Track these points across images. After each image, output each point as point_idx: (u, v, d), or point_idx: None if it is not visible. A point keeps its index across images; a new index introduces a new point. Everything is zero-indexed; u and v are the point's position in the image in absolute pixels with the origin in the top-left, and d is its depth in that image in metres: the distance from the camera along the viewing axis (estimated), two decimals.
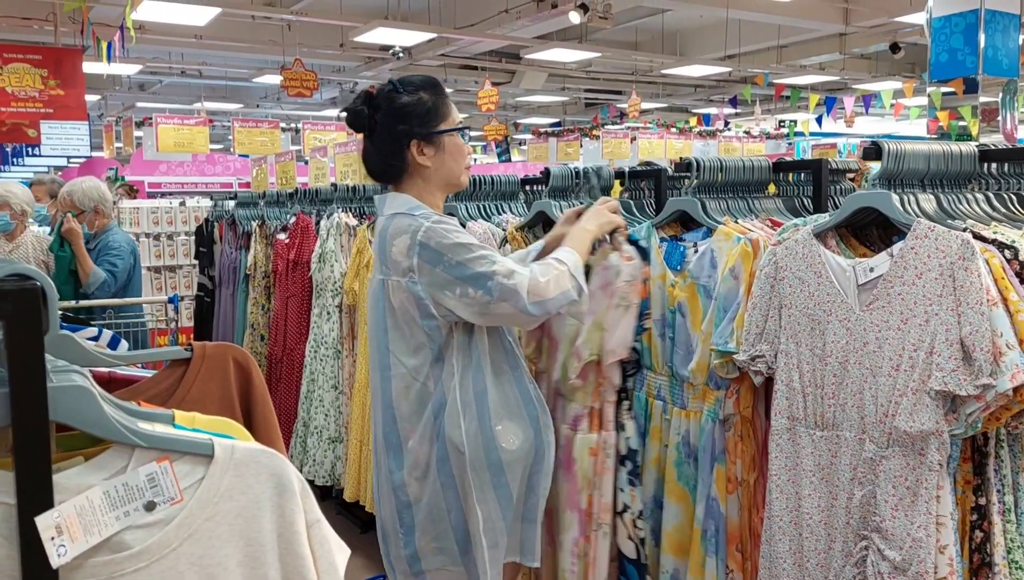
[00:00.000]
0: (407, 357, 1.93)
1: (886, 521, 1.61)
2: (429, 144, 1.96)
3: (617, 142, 11.75)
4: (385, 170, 2.01)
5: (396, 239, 1.89)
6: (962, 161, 1.80)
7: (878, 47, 11.18)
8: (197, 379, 1.12)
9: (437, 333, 1.90)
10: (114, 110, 14.67)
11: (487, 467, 1.92)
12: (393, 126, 1.95)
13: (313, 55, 10.46)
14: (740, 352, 1.95)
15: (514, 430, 1.96)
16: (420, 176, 1.99)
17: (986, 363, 1.46)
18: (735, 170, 2.22)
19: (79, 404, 0.81)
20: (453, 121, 2.01)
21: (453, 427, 1.90)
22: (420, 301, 1.87)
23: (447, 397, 1.91)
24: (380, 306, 1.96)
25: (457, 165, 2.02)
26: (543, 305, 1.85)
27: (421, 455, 1.94)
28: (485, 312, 1.85)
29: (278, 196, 4.75)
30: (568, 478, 2.12)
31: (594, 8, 7.93)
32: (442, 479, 1.93)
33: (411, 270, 1.87)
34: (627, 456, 2.09)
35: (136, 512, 0.83)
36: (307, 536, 0.92)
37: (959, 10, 5.89)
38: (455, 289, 1.84)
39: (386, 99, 1.96)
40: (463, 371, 1.92)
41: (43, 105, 7.66)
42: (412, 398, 1.94)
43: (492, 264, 1.84)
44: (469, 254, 1.84)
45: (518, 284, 1.82)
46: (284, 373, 4.29)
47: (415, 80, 2.00)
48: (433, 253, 1.85)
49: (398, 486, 1.97)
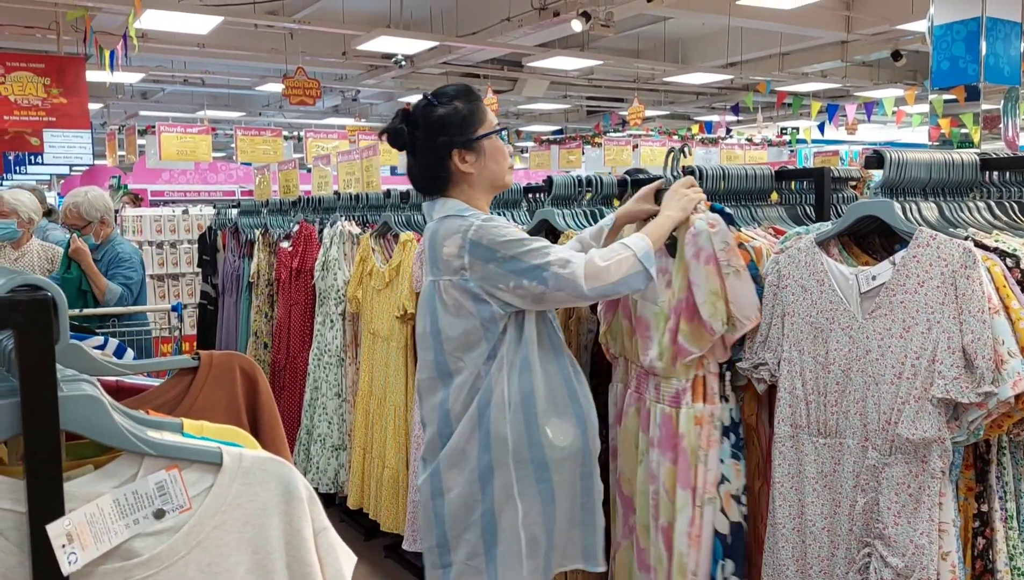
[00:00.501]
0: (464, 352, 1.96)
1: (889, 528, 1.61)
2: (470, 151, 1.99)
3: (619, 150, 11.77)
4: (431, 183, 2.05)
5: (447, 240, 1.94)
6: (964, 170, 1.81)
7: (880, 55, 11.19)
8: (204, 388, 1.13)
9: (492, 323, 1.93)
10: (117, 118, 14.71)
11: (531, 461, 1.95)
12: (433, 139, 1.98)
13: (315, 63, 10.50)
14: (743, 360, 1.96)
15: (564, 428, 1.98)
16: (465, 182, 2.02)
17: (988, 371, 1.47)
18: (738, 178, 2.23)
19: (89, 413, 0.81)
20: (490, 124, 2.03)
21: (499, 420, 1.93)
22: (474, 294, 1.92)
23: (494, 392, 1.94)
24: (433, 307, 2.00)
25: (500, 166, 2.05)
26: (602, 289, 1.87)
27: (459, 444, 1.97)
28: (541, 301, 1.91)
29: (281, 204, 4.77)
30: (678, 456, 2.02)
31: (596, 16, 7.96)
32: (479, 470, 1.95)
33: (463, 268, 1.91)
34: (730, 428, 2.01)
35: (145, 520, 0.84)
36: (314, 543, 0.93)
37: (960, 18, 5.90)
38: (509, 282, 1.88)
39: (423, 114, 2.00)
40: (512, 366, 1.95)
41: (46, 113, 7.69)
42: (465, 394, 1.97)
43: (546, 255, 1.87)
44: (521, 248, 1.88)
45: (574, 272, 1.85)
46: (287, 381, 4.30)
47: (448, 91, 2.03)
48: (485, 250, 1.89)
49: (432, 473, 2.01)
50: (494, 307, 1.92)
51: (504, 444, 1.94)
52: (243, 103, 14.99)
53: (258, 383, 1.17)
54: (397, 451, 3.21)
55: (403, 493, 3.16)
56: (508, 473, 1.94)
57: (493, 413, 1.94)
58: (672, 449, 2.04)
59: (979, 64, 5.81)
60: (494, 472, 1.95)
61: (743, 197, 2.27)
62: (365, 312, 3.46)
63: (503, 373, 1.94)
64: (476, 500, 1.96)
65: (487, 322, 1.93)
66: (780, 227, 2.21)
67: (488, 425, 1.94)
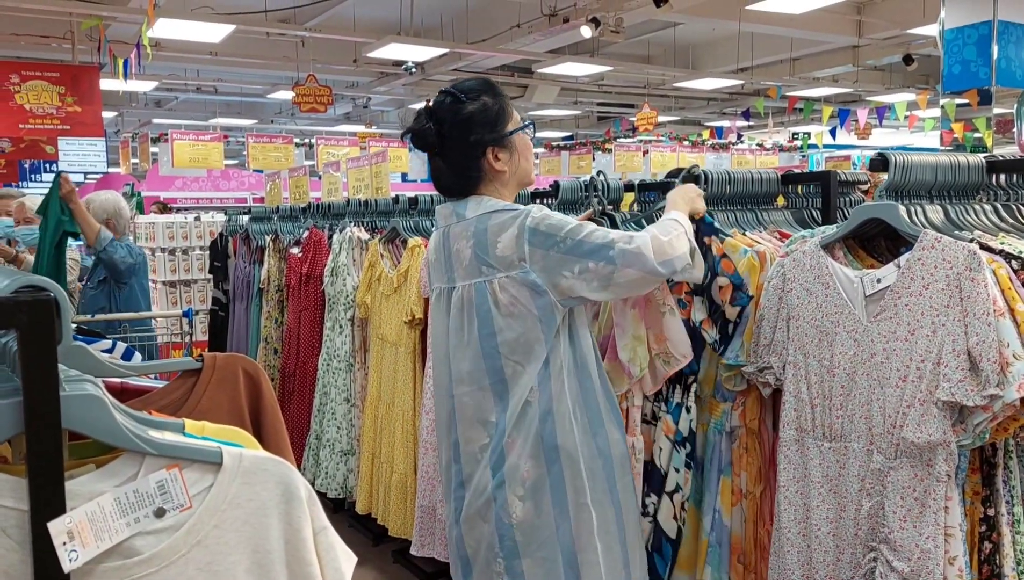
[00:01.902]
0: (523, 356, 1.82)
1: (894, 532, 1.61)
2: (503, 149, 1.91)
3: (629, 155, 11.78)
4: (462, 183, 1.93)
5: (501, 234, 1.82)
6: (969, 172, 1.81)
7: (891, 59, 11.16)
8: (207, 389, 1.14)
9: (550, 320, 1.81)
10: (130, 126, 14.85)
11: (602, 470, 1.87)
12: (465, 137, 1.88)
13: (327, 71, 10.56)
14: (748, 364, 1.96)
15: (615, 434, 1.92)
16: (497, 181, 1.93)
17: (993, 373, 1.46)
18: (743, 182, 2.23)
19: (91, 412, 0.83)
20: (517, 120, 1.96)
21: (565, 434, 1.82)
22: (535, 286, 1.80)
23: (554, 402, 1.83)
24: (484, 311, 1.85)
25: (528, 163, 1.98)
26: (670, 263, 1.79)
27: (526, 470, 1.83)
28: (609, 282, 1.78)
29: (291, 210, 4.80)
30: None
31: (606, 22, 7.97)
32: (553, 496, 1.83)
33: (522, 259, 1.80)
34: (687, 439, 2.06)
35: (146, 518, 0.85)
36: (314, 543, 0.93)
37: (971, 21, 5.88)
38: (574, 266, 1.78)
39: (450, 111, 1.89)
40: (569, 371, 1.86)
41: (60, 122, 7.77)
42: (518, 406, 1.83)
43: (607, 235, 1.80)
44: (583, 231, 1.79)
45: (641, 246, 1.76)
46: (297, 386, 4.32)
47: (472, 85, 1.93)
48: (544, 236, 1.79)
49: (501, 506, 1.85)
50: (553, 299, 1.80)
51: (574, 462, 1.83)
52: (255, 111, 15.09)
53: (261, 385, 1.18)
54: (405, 456, 3.22)
55: (411, 498, 3.16)
56: (581, 487, 1.83)
57: (557, 428, 1.82)
58: None
59: (991, 68, 5.78)
60: (566, 491, 1.83)
61: (749, 201, 2.27)
62: (374, 317, 3.48)
63: (561, 379, 1.84)
64: (552, 527, 1.84)
65: (545, 319, 1.81)
66: (786, 231, 2.21)
67: (553, 438, 1.82)
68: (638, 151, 11.75)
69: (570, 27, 8.41)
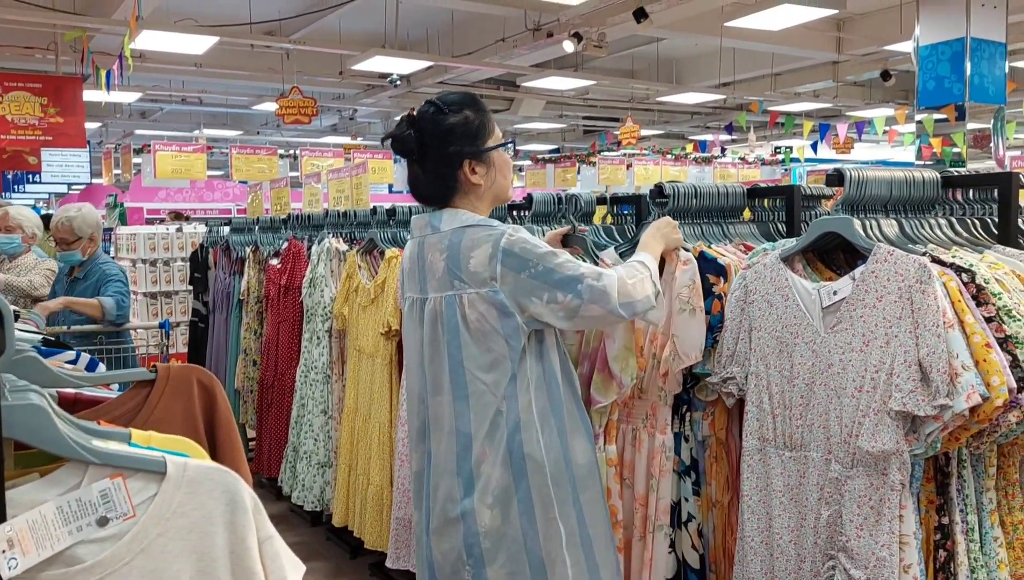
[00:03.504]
0: (485, 373, 1.86)
1: (852, 540, 1.63)
2: (481, 162, 1.93)
3: (613, 168, 11.84)
4: (439, 192, 1.96)
5: (474, 250, 1.84)
6: (925, 187, 1.84)
7: (871, 74, 11.28)
8: (161, 400, 1.15)
9: (515, 340, 1.84)
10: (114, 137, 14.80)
11: (568, 481, 1.88)
12: (444, 147, 1.91)
13: (312, 83, 10.58)
14: (712, 374, 1.98)
15: (582, 444, 1.94)
16: (472, 194, 1.95)
17: (943, 384, 1.49)
18: (709, 196, 2.26)
19: (33, 422, 0.84)
20: (498, 136, 1.99)
21: (532, 443, 1.85)
22: (503, 307, 1.82)
23: (522, 414, 1.85)
24: (453, 324, 1.88)
25: (506, 180, 2.00)
26: (631, 306, 1.83)
27: (495, 479, 1.85)
28: (574, 315, 1.82)
29: (272, 221, 4.80)
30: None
31: (588, 37, 8.03)
32: (520, 505, 1.85)
33: (493, 278, 1.82)
34: (691, 467, 2.09)
35: (89, 527, 0.86)
36: (259, 552, 0.95)
37: (945, 39, 5.97)
38: (543, 295, 1.81)
39: (432, 121, 1.92)
40: (537, 384, 1.88)
41: (43, 133, 7.75)
42: (488, 418, 1.86)
43: (578, 267, 1.82)
44: (556, 260, 1.82)
45: (608, 285, 1.80)
46: (275, 398, 4.31)
47: (456, 99, 1.96)
48: (518, 259, 1.81)
49: (468, 515, 1.87)
50: (520, 321, 1.83)
51: (541, 471, 1.85)
52: (241, 122, 15.08)
53: (216, 396, 1.19)
54: (382, 468, 3.22)
55: (387, 510, 3.16)
56: (548, 497, 1.85)
57: (524, 437, 1.85)
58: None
59: (964, 84, 5.87)
60: (534, 501, 1.85)
61: (715, 214, 2.31)
62: (351, 329, 3.48)
63: (529, 393, 1.86)
64: (520, 535, 1.85)
65: (511, 337, 1.84)
66: (751, 243, 2.24)
67: (521, 449, 1.84)
68: (622, 164, 11.82)
69: (553, 41, 8.47)
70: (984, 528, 1.66)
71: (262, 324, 4.55)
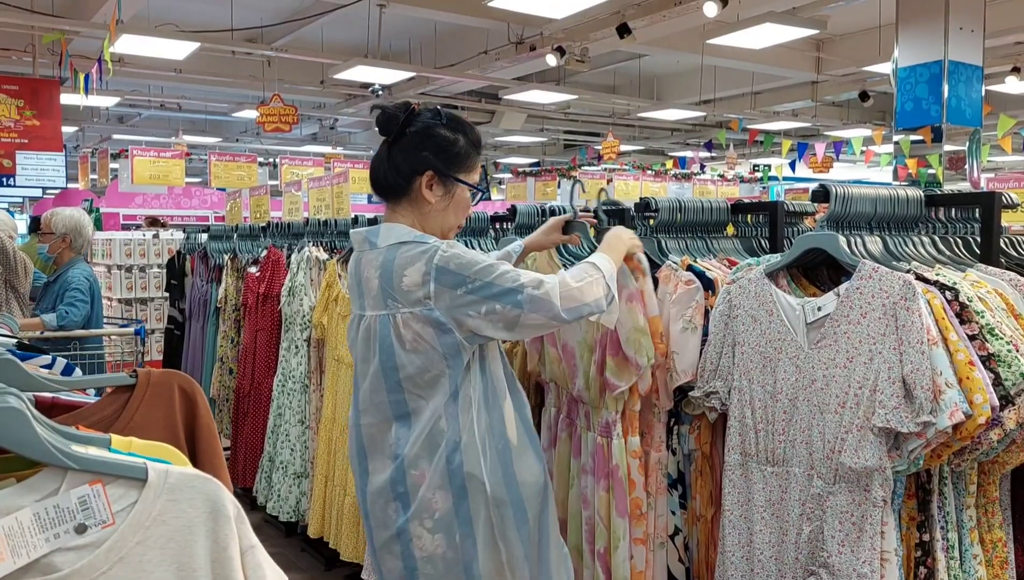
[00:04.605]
0: (423, 392, 1.81)
1: (833, 556, 1.63)
2: (441, 184, 1.88)
3: (594, 183, 11.87)
4: (389, 184, 1.91)
5: (407, 269, 1.79)
6: (909, 205, 1.86)
7: (849, 95, 11.44)
8: (141, 406, 1.12)
9: (456, 357, 1.79)
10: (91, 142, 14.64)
11: (513, 503, 1.83)
12: (419, 147, 1.87)
13: (293, 91, 10.54)
14: (695, 388, 1.98)
15: (530, 464, 1.88)
16: (418, 208, 1.89)
17: (926, 401, 1.50)
18: (694, 211, 2.27)
19: (10, 425, 0.81)
20: (473, 178, 1.94)
21: (474, 464, 1.79)
22: (439, 324, 1.77)
23: (463, 434, 1.80)
24: (387, 344, 1.82)
25: (456, 218, 1.94)
26: (577, 310, 1.79)
27: (435, 502, 1.80)
28: (515, 325, 1.78)
29: (251, 229, 4.76)
30: (612, 484, 2.07)
31: (571, 51, 8.07)
32: (463, 528, 1.80)
33: (427, 297, 1.76)
34: (678, 480, 2.10)
35: (66, 534, 0.83)
36: (241, 562, 0.92)
37: (923, 61, 6.06)
38: (480, 308, 1.75)
39: (425, 120, 1.89)
40: (481, 403, 1.83)
41: (18, 135, 7.64)
42: (424, 439, 1.80)
43: (517, 278, 1.77)
44: (493, 272, 1.77)
45: (549, 292, 1.76)
46: (252, 407, 4.26)
47: (461, 121, 1.94)
48: (453, 276, 1.76)
49: (408, 540, 1.82)
50: (459, 337, 1.78)
51: (481, 491, 1.79)
52: (220, 129, 14.97)
53: (197, 402, 1.16)
54: None
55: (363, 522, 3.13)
56: (488, 517, 1.80)
57: (466, 457, 1.79)
58: (605, 477, 2.08)
59: (942, 106, 5.96)
60: (473, 524, 1.80)
61: (699, 229, 2.31)
62: (330, 338, 3.45)
63: (471, 412, 1.81)
64: (460, 560, 1.81)
65: (450, 355, 1.79)
66: (735, 258, 2.25)
67: (461, 470, 1.79)
68: (602, 179, 11.86)
69: (536, 55, 8.51)
70: (964, 545, 1.67)
71: (239, 332, 4.50)
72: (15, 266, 4.29)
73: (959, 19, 5.91)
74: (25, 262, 4.41)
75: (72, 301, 4.12)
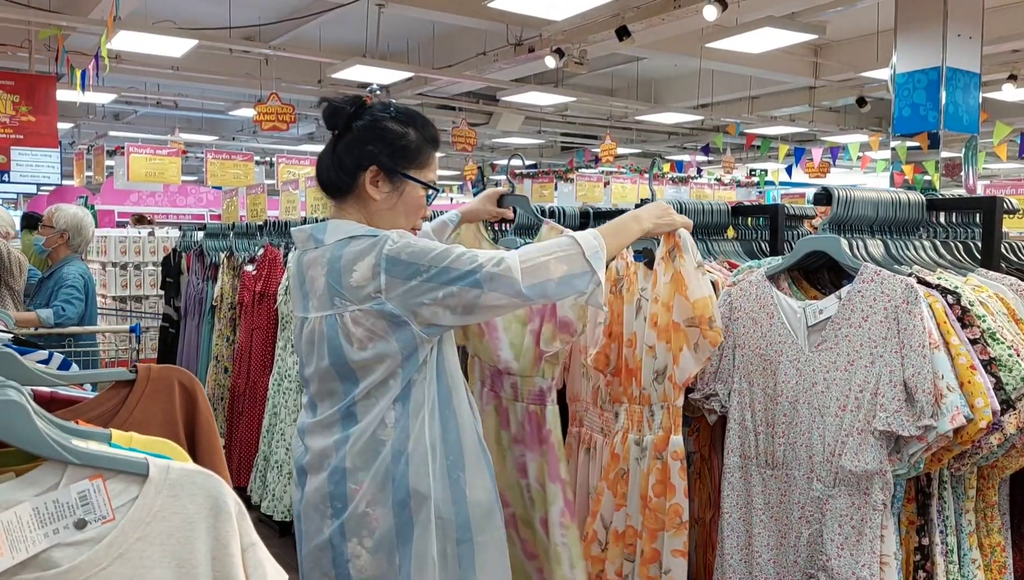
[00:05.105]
0: (370, 400, 1.67)
1: (832, 560, 1.62)
2: (388, 180, 1.75)
3: (591, 185, 11.90)
4: (333, 180, 1.78)
5: (357, 263, 1.66)
6: (910, 209, 1.86)
7: (846, 101, 11.48)
8: (140, 401, 1.11)
9: (412, 354, 1.66)
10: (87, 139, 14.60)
11: (455, 522, 1.69)
12: (364, 142, 1.74)
13: (291, 90, 10.52)
14: (695, 390, 1.98)
15: (482, 482, 1.76)
16: (364, 206, 1.77)
17: (928, 405, 1.50)
18: (695, 213, 2.26)
19: (10, 418, 0.80)
20: (425, 175, 1.80)
21: (420, 477, 1.65)
22: (393, 317, 1.64)
23: (411, 443, 1.66)
24: (335, 345, 1.68)
25: (406, 218, 1.79)
26: (540, 287, 1.63)
27: (375, 518, 1.66)
28: (473, 308, 1.64)
29: (247, 228, 4.75)
30: (547, 450, 2.06)
31: (570, 54, 8.07)
32: (405, 547, 1.66)
33: (378, 291, 1.63)
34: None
35: (66, 530, 0.82)
36: (242, 559, 0.92)
37: (921, 67, 6.08)
38: (437, 293, 1.62)
39: (372, 113, 1.77)
40: (431, 411, 1.69)
41: (14, 131, 7.61)
42: (360, 447, 1.66)
43: (475, 258, 1.64)
44: (448, 256, 1.63)
45: (509, 266, 1.62)
46: (247, 406, 4.24)
47: (411, 113, 1.80)
48: (405, 266, 1.63)
49: (342, 557, 1.67)
50: (415, 329, 1.64)
51: (425, 501, 1.65)
52: (216, 127, 14.94)
53: (197, 398, 1.16)
54: None
55: None
56: (428, 533, 1.66)
57: (412, 465, 1.65)
58: (539, 444, 2.08)
59: (939, 112, 5.98)
60: (412, 533, 1.66)
61: (700, 231, 2.31)
62: None
63: (421, 418, 1.67)
64: (389, 567, 1.66)
65: (407, 350, 1.66)
66: (735, 261, 2.25)
67: (405, 480, 1.65)
68: (599, 181, 11.88)
69: (535, 57, 8.51)
70: (963, 550, 1.67)
71: (235, 331, 4.49)
72: (9, 265, 4.27)
73: (957, 26, 5.92)
74: (20, 260, 4.40)
75: (68, 298, 4.10)
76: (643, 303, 2.03)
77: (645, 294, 2.03)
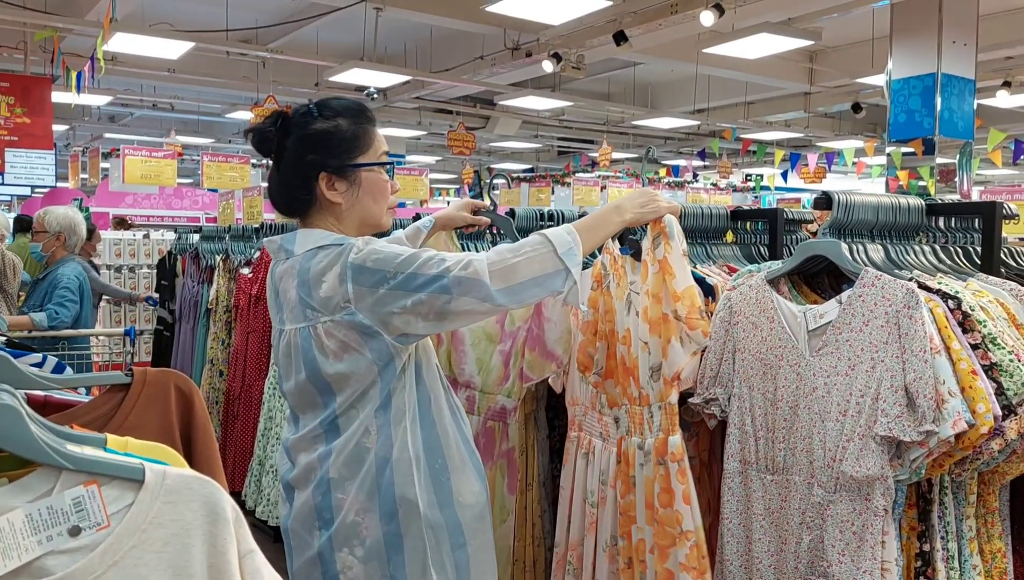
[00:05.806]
0: (351, 409, 1.65)
1: (833, 566, 1.61)
2: (341, 178, 1.69)
3: (588, 190, 11.90)
4: (289, 203, 1.74)
5: (325, 275, 1.62)
6: (910, 213, 1.85)
7: (841, 106, 11.51)
8: (136, 405, 1.10)
9: (388, 363, 1.62)
10: (82, 141, 14.56)
11: (444, 525, 1.67)
12: (302, 154, 1.68)
13: (288, 93, 10.51)
14: (695, 395, 1.96)
15: (471, 485, 1.73)
16: (331, 213, 1.72)
17: (929, 410, 1.49)
18: (694, 217, 2.26)
19: (4, 422, 0.79)
20: (375, 154, 1.73)
21: (407, 485, 1.63)
22: (364, 328, 1.60)
23: (396, 450, 1.63)
24: (310, 358, 1.64)
25: (376, 204, 1.74)
26: (514, 291, 1.59)
27: (363, 528, 1.62)
28: (445, 314, 1.59)
29: (243, 230, 4.73)
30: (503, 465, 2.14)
31: (567, 58, 8.08)
32: (396, 556, 1.63)
33: (347, 301, 1.59)
34: None
35: (60, 537, 0.81)
36: (239, 566, 0.90)
37: (917, 73, 6.10)
38: (406, 301, 1.57)
39: (298, 123, 1.71)
40: (414, 417, 1.67)
41: (8, 133, 7.59)
42: (345, 458, 1.64)
43: (443, 262, 1.59)
44: (415, 261, 1.59)
45: (477, 269, 1.57)
46: (242, 410, 4.22)
47: (335, 104, 1.73)
48: (371, 273, 1.59)
49: (333, 574, 1.64)
50: (388, 340, 1.60)
51: (413, 508, 1.63)
52: (213, 130, 14.91)
53: (194, 403, 1.14)
54: None
55: None
56: (420, 541, 1.63)
57: (398, 474, 1.63)
58: (490, 459, 2.12)
59: (934, 118, 6.00)
60: (403, 542, 1.63)
61: (699, 235, 2.30)
62: None
63: (403, 426, 1.64)
64: (381, 577, 1.63)
65: (382, 360, 1.62)
66: (734, 265, 2.24)
67: (392, 489, 1.62)
68: (596, 186, 11.89)
69: (532, 61, 8.51)
70: (964, 556, 1.66)
71: (230, 334, 4.47)
72: (3, 267, 4.26)
73: (952, 33, 5.94)
74: (13, 262, 4.39)
75: (62, 301, 4.08)
76: (633, 297, 2.01)
77: (635, 287, 2.01)
